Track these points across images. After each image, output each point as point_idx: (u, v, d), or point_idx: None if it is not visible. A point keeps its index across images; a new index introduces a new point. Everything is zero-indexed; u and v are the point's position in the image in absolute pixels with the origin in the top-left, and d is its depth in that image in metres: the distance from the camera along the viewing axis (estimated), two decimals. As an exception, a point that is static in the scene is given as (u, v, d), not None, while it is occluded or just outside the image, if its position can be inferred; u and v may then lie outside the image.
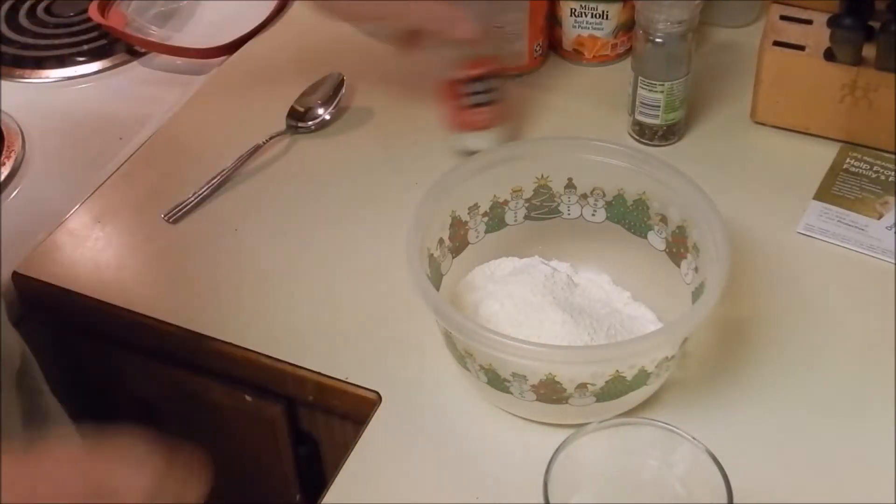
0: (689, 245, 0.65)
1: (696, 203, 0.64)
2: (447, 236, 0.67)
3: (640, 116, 0.82)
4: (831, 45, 0.76)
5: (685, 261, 0.65)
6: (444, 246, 0.67)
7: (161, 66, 0.97)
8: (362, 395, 0.66)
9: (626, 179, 0.68)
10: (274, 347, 0.69)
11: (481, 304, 0.65)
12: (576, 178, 0.69)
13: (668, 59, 0.78)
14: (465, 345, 0.60)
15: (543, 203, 0.70)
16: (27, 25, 1.04)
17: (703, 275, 0.62)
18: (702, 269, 0.62)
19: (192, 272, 0.76)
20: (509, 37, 0.88)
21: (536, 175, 0.69)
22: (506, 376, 0.59)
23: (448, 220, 0.67)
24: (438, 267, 0.66)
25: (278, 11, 1.01)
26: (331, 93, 0.88)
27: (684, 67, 0.79)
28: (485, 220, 0.70)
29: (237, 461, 0.86)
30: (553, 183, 0.70)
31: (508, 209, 0.70)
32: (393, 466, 0.62)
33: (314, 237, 0.77)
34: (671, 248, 0.67)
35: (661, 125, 0.82)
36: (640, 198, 0.68)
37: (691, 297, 0.63)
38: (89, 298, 0.74)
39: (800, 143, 0.82)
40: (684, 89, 0.80)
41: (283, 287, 0.73)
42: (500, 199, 0.70)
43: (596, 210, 0.70)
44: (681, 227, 0.66)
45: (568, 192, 0.70)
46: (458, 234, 0.68)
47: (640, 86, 0.80)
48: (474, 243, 0.70)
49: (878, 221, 0.75)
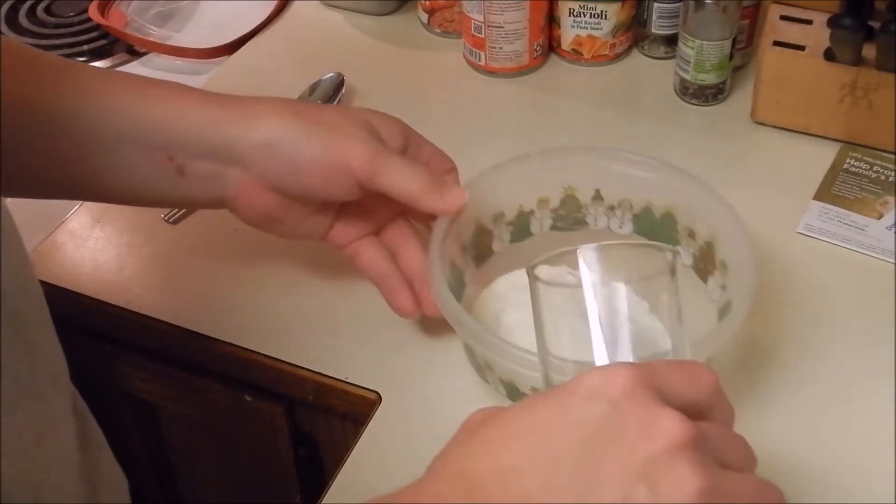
0: (717, 262, 0.64)
1: (724, 220, 0.63)
2: (470, 244, 0.66)
3: (677, 69, 0.86)
4: (831, 45, 0.76)
5: (712, 277, 0.64)
6: (467, 254, 0.66)
7: (161, 66, 0.97)
8: (362, 395, 0.66)
9: (655, 192, 0.67)
10: (274, 347, 0.69)
11: (503, 314, 0.64)
12: (603, 189, 0.68)
13: (703, 18, 0.81)
14: (484, 357, 0.59)
15: (570, 214, 0.69)
16: (27, 25, 1.04)
17: (731, 293, 0.61)
18: (729, 288, 0.61)
19: (192, 272, 0.76)
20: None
21: (564, 185, 0.68)
22: (525, 390, 0.58)
23: (472, 228, 0.66)
24: (461, 275, 0.65)
25: (278, 11, 1.01)
26: (331, 93, 0.88)
27: (718, 31, 0.81)
28: (509, 230, 0.68)
29: (237, 461, 0.86)
30: (580, 194, 0.68)
31: (534, 219, 0.69)
32: (393, 466, 0.62)
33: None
34: (698, 264, 0.66)
35: (693, 82, 0.85)
36: (667, 211, 0.67)
37: (717, 314, 0.62)
38: (89, 298, 0.74)
39: (800, 143, 0.82)
40: (717, 53, 0.82)
41: (283, 287, 0.73)
42: (525, 208, 0.68)
43: (623, 222, 0.69)
44: (709, 242, 0.64)
45: (595, 204, 0.68)
46: (482, 242, 0.67)
47: (681, 38, 0.83)
48: (498, 252, 0.68)
49: (878, 221, 0.75)
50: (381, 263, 0.65)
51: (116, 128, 0.59)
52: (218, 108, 0.60)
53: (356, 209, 0.64)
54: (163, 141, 0.59)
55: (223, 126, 0.60)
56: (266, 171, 0.60)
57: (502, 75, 0.92)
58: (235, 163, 0.60)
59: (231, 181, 0.61)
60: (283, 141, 0.59)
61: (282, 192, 0.61)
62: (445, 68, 0.94)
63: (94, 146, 0.59)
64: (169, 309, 0.73)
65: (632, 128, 0.86)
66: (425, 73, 0.94)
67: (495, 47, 0.90)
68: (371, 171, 0.60)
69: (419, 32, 0.98)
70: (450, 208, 0.62)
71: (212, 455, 0.88)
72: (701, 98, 0.86)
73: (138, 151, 0.60)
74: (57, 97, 0.58)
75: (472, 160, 0.83)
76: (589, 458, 0.38)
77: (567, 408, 0.40)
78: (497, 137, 0.86)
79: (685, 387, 0.41)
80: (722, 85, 0.86)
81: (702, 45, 0.82)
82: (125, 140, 0.59)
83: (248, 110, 0.60)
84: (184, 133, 0.59)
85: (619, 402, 0.39)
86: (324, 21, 1.01)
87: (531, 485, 0.38)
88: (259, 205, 0.62)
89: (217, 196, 0.62)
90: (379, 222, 0.66)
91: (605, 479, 0.38)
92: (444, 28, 0.97)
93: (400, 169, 0.60)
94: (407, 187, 0.61)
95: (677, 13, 0.87)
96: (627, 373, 0.40)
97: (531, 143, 0.86)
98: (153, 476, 0.91)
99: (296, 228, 0.64)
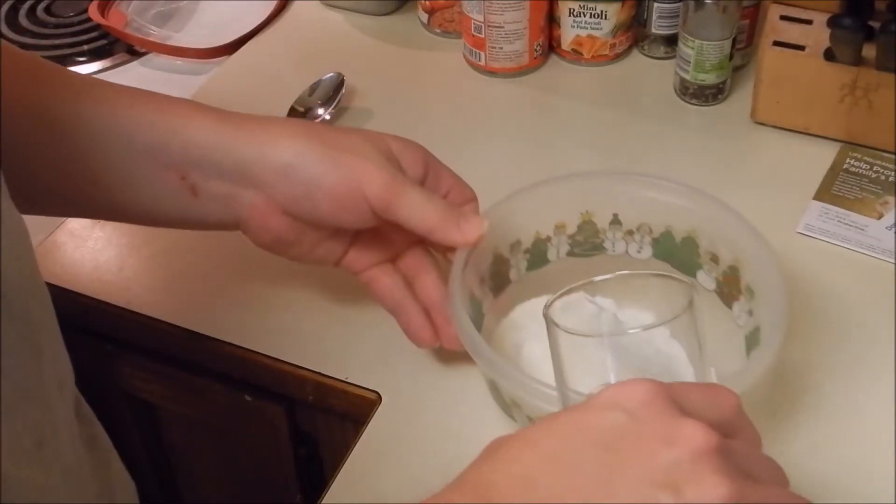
0: (742, 287, 0.62)
1: (749, 243, 0.61)
2: (488, 275, 0.64)
3: (677, 69, 0.86)
4: (831, 45, 0.76)
5: (738, 303, 0.63)
6: (485, 285, 0.64)
7: (161, 66, 0.97)
8: (362, 395, 0.66)
9: (675, 216, 0.65)
10: (274, 347, 0.69)
11: (524, 345, 0.62)
12: (622, 213, 0.66)
13: (703, 18, 0.81)
14: (512, 395, 0.57)
15: (587, 239, 0.68)
16: (27, 25, 1.04)
17: (758, 319, 0.59)
18: (757, 313, 0.60)
19: (192, 272, 0.76)
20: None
21: (581, 211, 0.66)
22: None
23: (490, 258, 0.64)
24: (480, 306, 0.63)
25: (278, 11, 1.01)
26: (331, 93, 0.88)
27: (718, 31, 0.81)
28: (526, 258, 0.67)
29: (237, 461, 0.86)
30: (597, 219, 0.67)
31: (551, 245, 0.67)
32: (393, 466, 0.62)
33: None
34: (722, 289, 0.64)
35: (693, 82, 0.85)
36: (689, 235, 0.65)
37: (744, 340, 0.61)
38: (89, 298, 0.74)
39: (800, 143, 0.82)
40: (717, 53, 0.82)
41: (283, 287, 0.73)
42: (542, 235, 0.67)
43: (642, 247, 0.67)
44: (733, 266, 0.63)
45: (613, 229, 0.67)
46: (500, 271, 0.65)
47: (681, 38, 0.83)
48: (515, 281, 0.67)
49: (878, 221, 0.75)
50: (396, 292, 0.64)
51: (128, 141, 0.58)
52: (233, 128, 0.59)
53: (372, 236, 0.63)
54: (175, 159, 0.59)
55: (238, 147, 0.59)
56: (281, 195, 0.59)
57: (502, 75, 0.92)
58: (249, 185, 0.59)
59: (245, 203, 0.60)
60: (298, 165, 0.58)
61: (296, 216, 0.60)
62: (445, 68, 0.94)
63: (106, 160, 0.59)
64: (169, 309, 0.73)
65: (632, 128, 0.86)
66: (425, 73, 0.94)
67: (495, 47, 0.90)
68: (387, 201, 0.58)
69: (419, 32, 0.98)
70: (468, 240, 0.60)
71: (212, 455, 0.88)
72: (701, 98, 0.86)
73: (150, 168, 0.59)
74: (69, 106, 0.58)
75: (473, 160, 0.83)
76: (607, 464, 0.37)
77: (585, 417, 0.39)
78: (497, 137, 0.86)
79: (706, 406, 0.40)
80: (722, 85, 0.86)
81: (702, 45, 0.82)
82: (137, 155, 0.59)
83: (265, 132, 0.59)
84: (197, 152, 0.59)
85: (638, 411, 0.38)
86: (324, 21, 1.01)
87: (549, 492, 0.38)
88: (272, 228, 0.61)
89: (230, 218, 0.61)
90: (395, 249, 0.65)
91: (625, 485, 0.37)
92: (444, 28, 0.97)
93: (417, 200, 0.59)
94: (424, 219, 0.59)
95: (677, 13, 0.87)
96: (647, 385, 0.39)
97: (531, 143, 0.86)
98: (153, 476, 0.91)
99: (309, 253, 0.63)
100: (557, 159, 0.84)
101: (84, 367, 0.84)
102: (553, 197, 0.66)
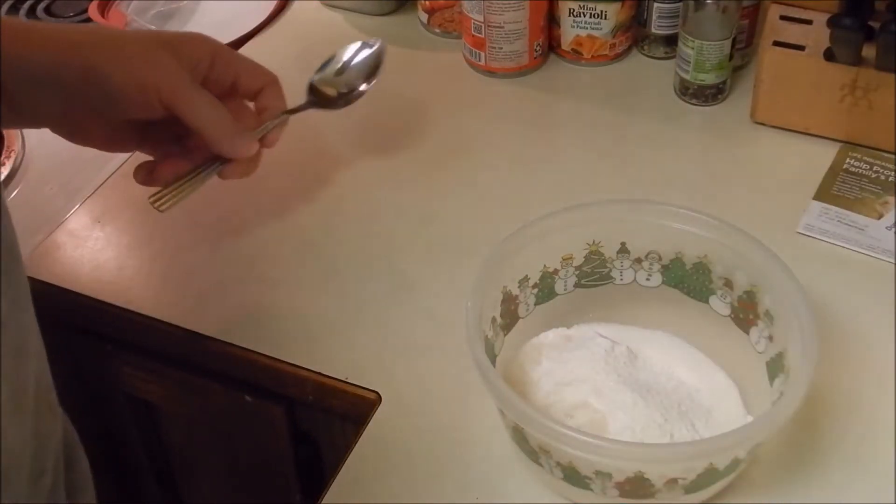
0: (760, 312, 0.61)
1: (767, 267, 0.60)
2: (499, 314, 0.63)
3: (677, 69, 0.86)
4: (831, 45, 0.76)
5: (755, 328, 0.61)
6: (496, 324, 0.62)
7: (161, 66, 0.97)
8: (362, 395, 0.66)
9: (685, 242, 0.63)
10: (274, 347, 0.69)
11: (539, 382, 0.62)
12: (629, 241, 0.65)
13: (703, 18, 0.81)
14: (540, 442, 0.55)
15: (594, 269, 0.66)
16: (27, 25, 1.04)
17: (782, 345, 0.58)
18: (778, 338, 0.59)
19: (192, 272, 0.76)
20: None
21: (588, 241, 0.65)
22: (587, 474, 0.54)
23: (500, 296, 0.62)
24: (492, 348, 0.61)
25: (278, 11, 1.01)
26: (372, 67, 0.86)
27: (718, 31, 0.81)
28: (534, 293, 0.65)
29: (237, 461, 0.86)
30: (605, 248, 0.65)
31: (558, 278, 0.66)
32: (393, 466, 0.62)
33: (314, 237, 0.77)
34: (738, 314, 0.63)
35: (693, 82, 0.85)
36: (700, 261, 0.64)
37: (766, 367, 0.60)
38: (89, 298, 0.74)
39: (800, 143, 0.82)
40: (717, 53, 0.82)
41: (283, 287, 0.73)
42: (549, 268, 0.65)
43: (651, 274, 0.66)
44: (749, 292, 0.61)
45: (621, 257, 0.66)
46: (509, 310, 0.64)
47: (681, 38, 0.84)
48: (524, 317, 0.65)
49: (878, 221, 0.75)
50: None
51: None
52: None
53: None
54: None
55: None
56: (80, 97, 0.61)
57: (502, 75, 0.92)
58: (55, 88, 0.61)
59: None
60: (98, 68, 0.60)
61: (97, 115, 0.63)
62: (445, 68, 0.94)
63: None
64: (169, 309, 0.73)
65: (632, 128, 0.86)
66: (425, 73, 0.94)
67: (495, 47, 0.90)
68: (173, 104, 0.61)
69: (419, 32, 0.99)
70: (238, 156, 0.65)
71: (212, 455, 0.88)
72: (701, 98, 0.86)
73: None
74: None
75: (472, 160, 0.84)
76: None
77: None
78: (497, 138, 0.86)
79: None
80: (722, 85, 0.86)
81: (702, 45, 0.82)
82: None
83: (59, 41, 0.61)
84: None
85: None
86: (324, 21, 1.01)
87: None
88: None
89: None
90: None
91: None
92: (444, 28, 0.97)
93: (201, 107, 0.63)
94: (203, 127, 0.63)
95: (677, 13, 0.87)
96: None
97: (531, 144, 0.86)
98: (153, 476, 0.91)
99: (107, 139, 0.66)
100: (557, 159, 0.84)
101: (84, 367, 0.84)
102: (559, 229, 0.65)
